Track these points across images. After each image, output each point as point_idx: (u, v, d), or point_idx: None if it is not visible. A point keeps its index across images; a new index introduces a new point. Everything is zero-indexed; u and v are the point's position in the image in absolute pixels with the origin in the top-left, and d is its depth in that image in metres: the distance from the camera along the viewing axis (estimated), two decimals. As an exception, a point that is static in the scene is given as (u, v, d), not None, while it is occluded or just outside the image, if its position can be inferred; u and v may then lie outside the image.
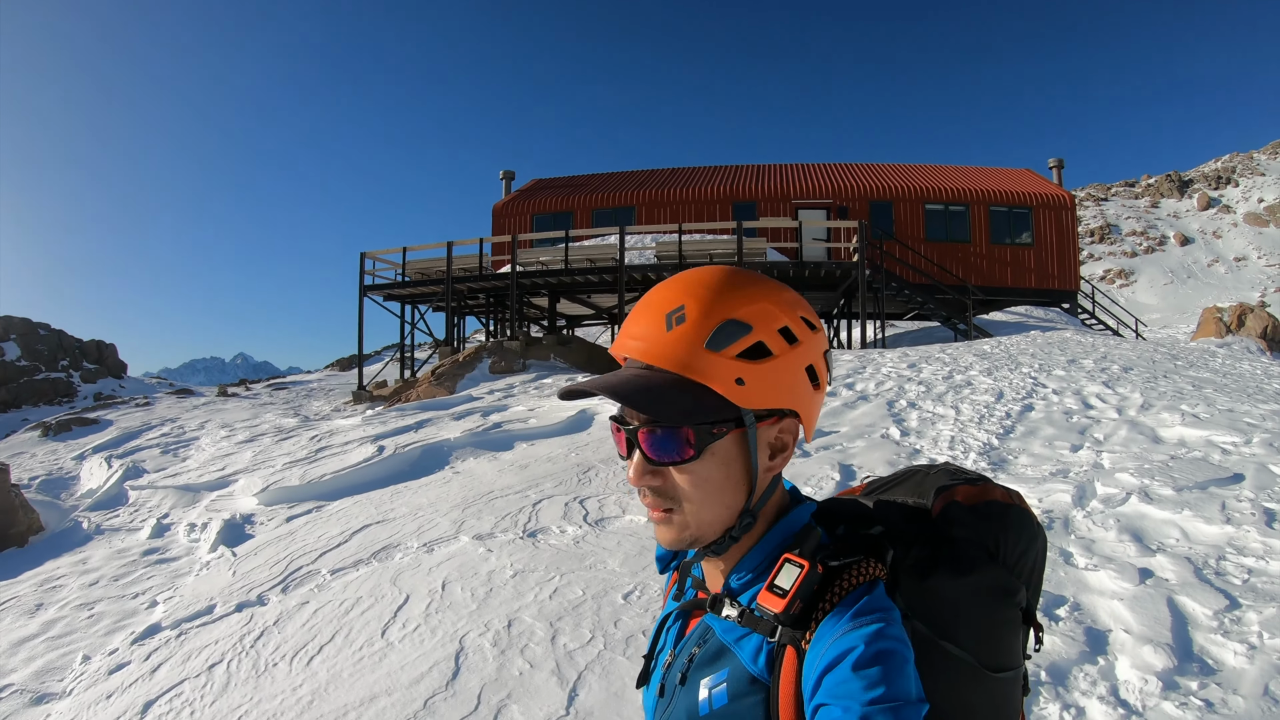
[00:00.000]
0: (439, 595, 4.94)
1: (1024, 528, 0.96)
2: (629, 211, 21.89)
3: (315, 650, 4.41)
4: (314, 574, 5.65)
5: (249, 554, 6.35)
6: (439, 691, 3.77)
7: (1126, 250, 59.80)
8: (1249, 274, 55.19)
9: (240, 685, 4.11)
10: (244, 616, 5.06)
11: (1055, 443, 6.84)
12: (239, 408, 14.97)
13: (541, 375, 14.84)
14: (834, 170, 24.28)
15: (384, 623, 4.64)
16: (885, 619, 0.81)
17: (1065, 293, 22.05)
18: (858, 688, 0.75)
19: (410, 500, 7.22)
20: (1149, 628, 3.43)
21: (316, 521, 6.95)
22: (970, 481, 1.00)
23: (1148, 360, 11.45)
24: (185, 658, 4.59)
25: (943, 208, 21.88)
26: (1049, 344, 13.90)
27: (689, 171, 25.10)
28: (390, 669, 4.07)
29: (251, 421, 12.69)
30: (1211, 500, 4.94)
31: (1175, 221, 66.84)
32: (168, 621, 5.19)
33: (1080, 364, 11.11)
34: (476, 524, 6.29)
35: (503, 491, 7.12)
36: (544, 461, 8.14)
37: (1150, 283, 53.56)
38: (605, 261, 17.26)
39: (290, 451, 9.76)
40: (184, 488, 8.53)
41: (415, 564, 5.57)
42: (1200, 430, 6.71)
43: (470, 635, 4.33)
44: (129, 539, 7.35)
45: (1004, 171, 24.90)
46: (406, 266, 18.61)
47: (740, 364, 0.87)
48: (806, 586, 0.85)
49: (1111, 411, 7.87)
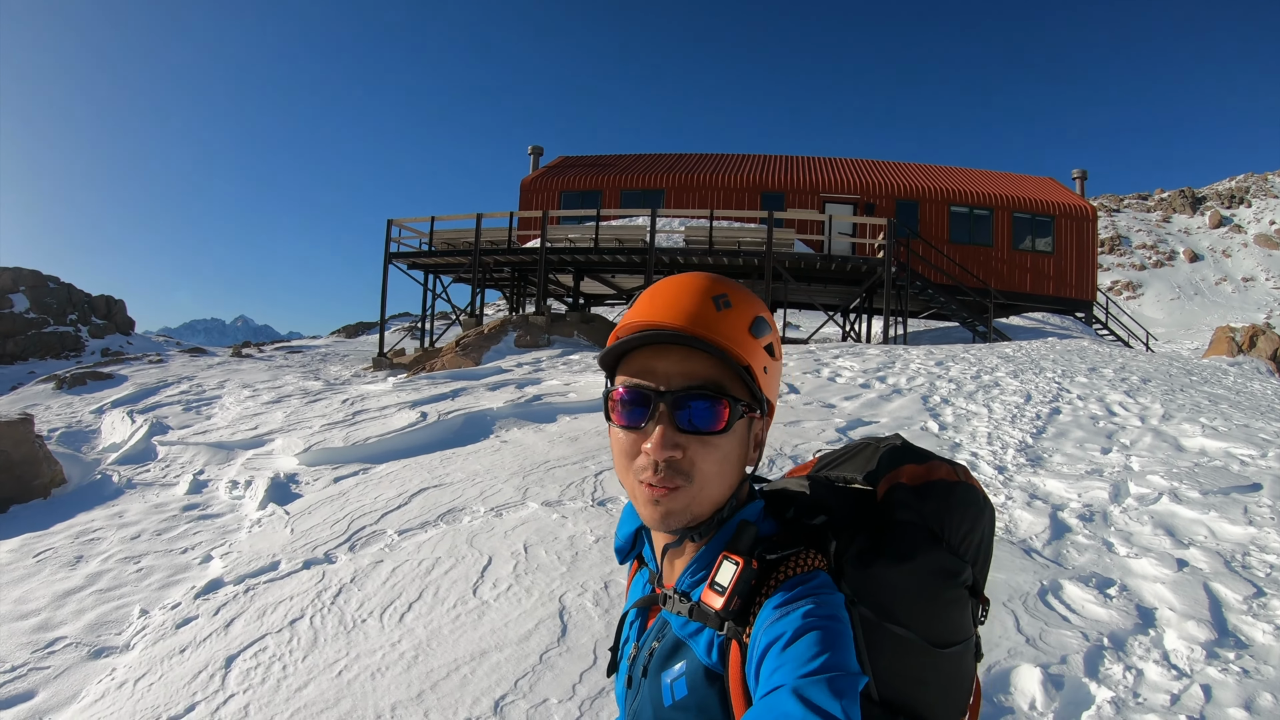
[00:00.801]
0: (523, 558, 4.78)
1: (969, 505, 0.96)
2: (658, 194, 21.63)
3: (404, 608, 4.21)
4: (380, 534, 5.44)
5: (303, 512, 6.12)
6: (552, 647, 3.67)
7: (1136, 263, 60.02)
8: (1256, 295, 55.48)
9: (330, 641, 3.89)
10: (314, 574, 4.84)
11: (1086, 445, 7.17)
12: (255, 369, 14.66)
13: (568, 351, 14.67)
14: (862, 166, 24.19)
15: (472, 583, 4.46)
16: (814, 600, 0.83)
17: (1082, 302, 22.15)
18: (789, 667, 0.76)
19: (464, 466, 7.00)
20: (1189, 607, 3.86)
21: (367, 483, 6.73)
22: (917, 459, 1.00)
23: (1164, 374, 11.66)
24: (259, 613, 4.36)
25: (968, 211, 21.84)
26: (1068, 351, 14.07)
27: (718, 158, 24.83)
28: (493, 626, 3.90)
29: (273, 383, 12.41)
30: (1234, 504, 5.35)
31: (1186, 238, 67.15)
32: (230, 576, 4.97)
33: (1101, 373, 11.33)
34: (541, 491, 6.12)
35: (559, 461, 6.95)
36: (593, 435, 7.97)
37: (1157, 297, 53.75)
38: (634, 243, 17.02)
39: (325, 414, 9.50)
40: (217, 445, 8.26)
41: (488, 527, 5.37)
42: (1219, 442, 7.05)
43: (569, 595, 4.23)
44: (164, 494, 7.08)
45: (1028, 179, 24.90)
46: (434, 236, 18.28)
47: (766, 356, 0.96)
48: (743, 583, 0.87)
49: (1135, 420, 8.19)
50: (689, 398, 0.90)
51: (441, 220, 18.22)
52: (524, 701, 3.21)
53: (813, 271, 17.42)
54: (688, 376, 0.91)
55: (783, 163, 24.18)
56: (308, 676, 3.54)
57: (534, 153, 24.71)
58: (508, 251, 17.47)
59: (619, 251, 16.77)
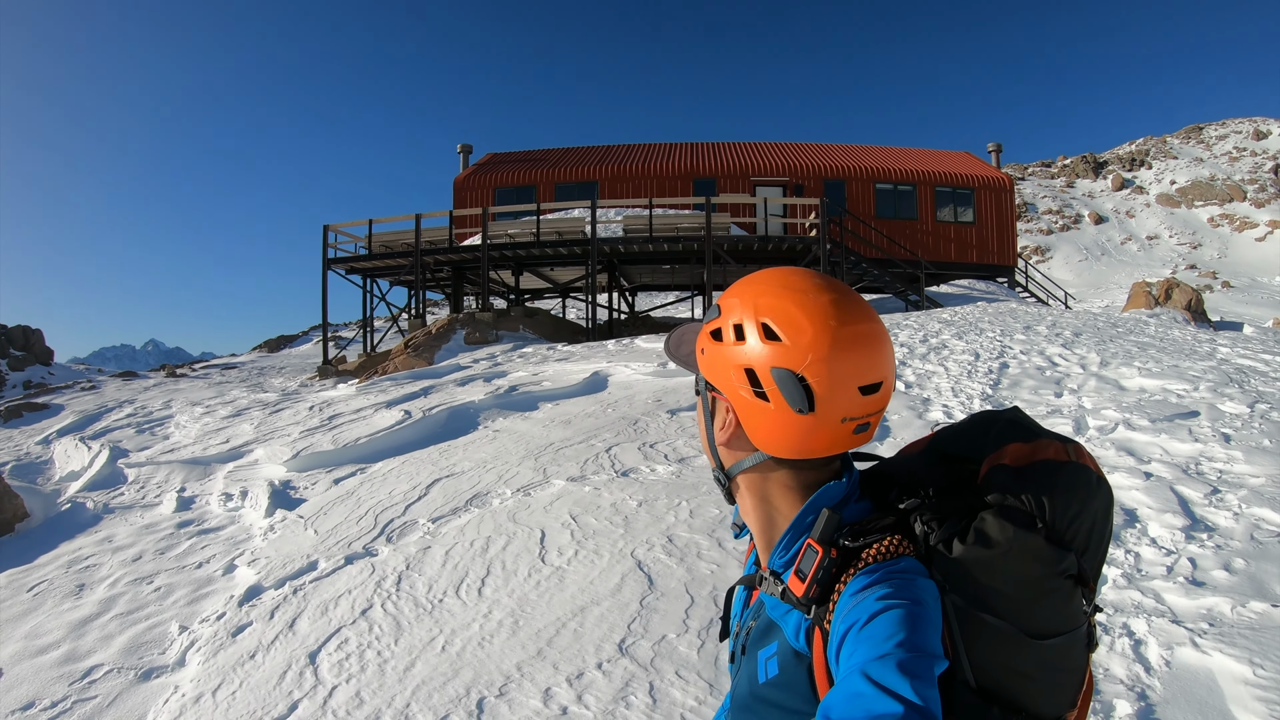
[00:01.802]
0: (575, 527, 4.82)
1: (1078, 487, 0.89)
2: (591, 186, 21.63)
3: (477, 583, 4.20)
4: (412, 524, 5.38)
5: (316, 514, 5.96)
6: (647, 594, 3.79)
7: (1043, 228, 62.42)
8: (1160, 252, 58.56)
9: (415, 623, 3.85)
10: (361, 567, 4.75)
11: (1040, 391, 7.71)
12: (195, 387, 14.03)
13: (519, 345, 14.59)
14: (790, 149, 24.82)
15: (535, 554, 4.47)
16: (892, 584, 0.83)
17: (1004, 268, 23.36)
18: (863, 650, 0.76)
19: (468, 455, 6.94)
20: (1163, 505, 4.49)
21: (370, 481, 6.59)
22: (1025, 437, 0.94)
23: (1093, 328, 12.50)
24: (321, 610, 4.27)
25: (892, 187, 22.70)
26: (1000, 313, 14.81)
27: (650, 147, 25.10)
28: (579, 586, 3.95)
29: (221, 399, 11.92)
30: (1179, 428, 6.02)
31: (1090, 201, 70.32)
32: (269, 581, 4.83)
33: (1036, 330, 12.07)
34: (560, 470, 6.14)
35: (563, 443, 6.96)
36: (584, 418, 7.98)
37: (1065, 259, 56.03)
38: (574, 235, 16.98)
39: (299, 421, 9.19)
40: (191, 461, 7.89)
41: (524, 506, 5.36)
42: (1156, 381, 7.72)
43: (639, 551, 4.37)
44: (150, 514, 6.73)
45: (947, 154, 26.04)
46: (372, 240, 17.79)
47: (706, 338, 1.00)
48: (822, 571, 0.88)
49: (1076, 368, 8.76)
50: None
51: (379, 223, 17.80)
52: (645, 640, 3.27)
53: (750, 253, 17.75)
54: None
55: (713, 149, 24.62)
56: (410, 657, 3.49)
57: (463, 151, 24.40)
58: (449, 250, 17.17)
59: (560, 244, 16.73)
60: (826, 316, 0.90)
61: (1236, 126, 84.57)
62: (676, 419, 7.50)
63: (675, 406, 7.99)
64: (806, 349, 0.89)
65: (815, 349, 0.89)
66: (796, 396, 0.89)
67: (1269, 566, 3.59)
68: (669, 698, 2.90)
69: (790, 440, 0.93)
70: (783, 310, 0.92)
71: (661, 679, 3.03)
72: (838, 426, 0.91)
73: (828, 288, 0.94)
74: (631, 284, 22.64)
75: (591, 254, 16.49)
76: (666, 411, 7.81)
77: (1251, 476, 4.81)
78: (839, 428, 0.91)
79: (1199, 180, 70.43)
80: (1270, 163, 73.83)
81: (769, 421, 0.93)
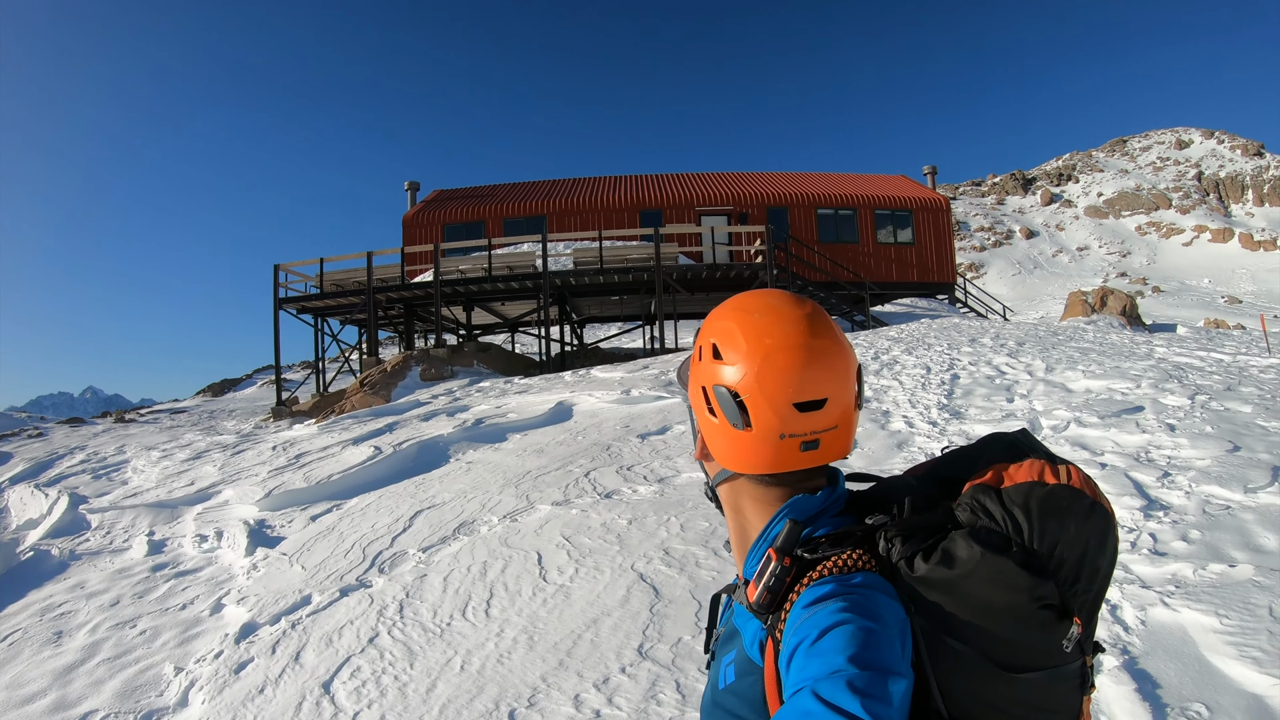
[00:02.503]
0: (569, 547, 4.95)
1: (1063, 511, 0.84)
2: (540, 220, 21.82)
3: (482, 605, 4.30)
4: (403, 555, 5.42)
5: (300, 550, 5.95)
6: (655, 602, 3.95)
7: (976, 245, 64.40)
8: (1091, 262, 60.94)
9: (428, 646, 3.93)
10: (358, 598, 4.79)
11: (992, 397, 8.12)
12: (147, 432, 13.66)
13: (475, 380, 14.60)
14: (733, 179, 25.49)
15: (536, 575, 4.59)
16: (844, 599, 0.81)
17: (944, 285, 24.28)
18: (813, 667, 0.75)
19: (447, 487, 7.00)
20: (1120, 488, 4.86)
21: (350, 517, 6.59)
22: (1015, 458, 0.91)
23: (1034, 337, 13.12)
24: (324, 641, 4.30)
25: (833, 212, 23.48)
26: (944, 328, 15.37)
27: (596, 181, 25.48)
28: (587, 600, 4.09)
29: (177, 443, 11.64)
30: (1127, 422, 6.48)
31: (1020, 217, 72.91)
32: (263, 618, 4.82)
33: (980, 342, 12.60)
34: (542, 495, 6.25)
35: (540, 471, 7.07)
36: (556, 446, 8.10)
37: (999, 274, 57.81)
38: (525, 269, 17.12)
39: (264, 461, 9.07)
40: (158, 505, 7.72)
41: (514, 530, 5.45)
42: (1100, 381, 8.22)
43: (638, 564, 4.54)
44: (120, 559, 6.58)
45: (885, 178, 27.07)
46: (323, 279, 17.61)
47: (692, 358, 1.04)
48: (774, 579, 0.88)
49: (1024, 374, 9.23)
50: None
51: (330, 261, 17.68)
52: (663, 644, 3.41)
53: (699, 281, 18.14)
54: None
55: (658, 180, 25.20)
56: (430, 679, 3.56)
57: (411, 188, 24.41)
58: (401, 287, 17.12)
59: (512, 278, 16.85)
60: (761, 334, 0.92)
61: (1159, 137, 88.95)
62: (648, 443, 7.66)
63: (644, 431, 8.15)
64: (740, 367, 0.92)
65: (747, 366, 0.91)
66: (733, 413, 0.92)
67: (1222, 534, 3.99)
68: (695, 692, 3.06)
69: (738, 456, 0.95)
70: (726, 330, 0.95)
71: (686, 676, 3.19)
72: (778, 443, 0.91)
73: (780, 306, 0.96)
74: (581, 316, 22.82)
75: (544, 287, 16.64)
76: (637, 436, 7.97)
77: (1198, 459, 5.28)
78: (780, 444, 0.91)
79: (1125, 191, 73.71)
80: (1193, 170, 77.63)
81: (720, 438, 0.96)
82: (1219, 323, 31.79)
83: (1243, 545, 3.88)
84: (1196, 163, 79.19)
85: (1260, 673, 2.78)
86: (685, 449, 7.18)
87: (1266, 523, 4.12)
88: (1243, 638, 3.00)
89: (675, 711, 2.95)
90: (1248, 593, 3.35)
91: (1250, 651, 2.91)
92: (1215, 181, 75.40)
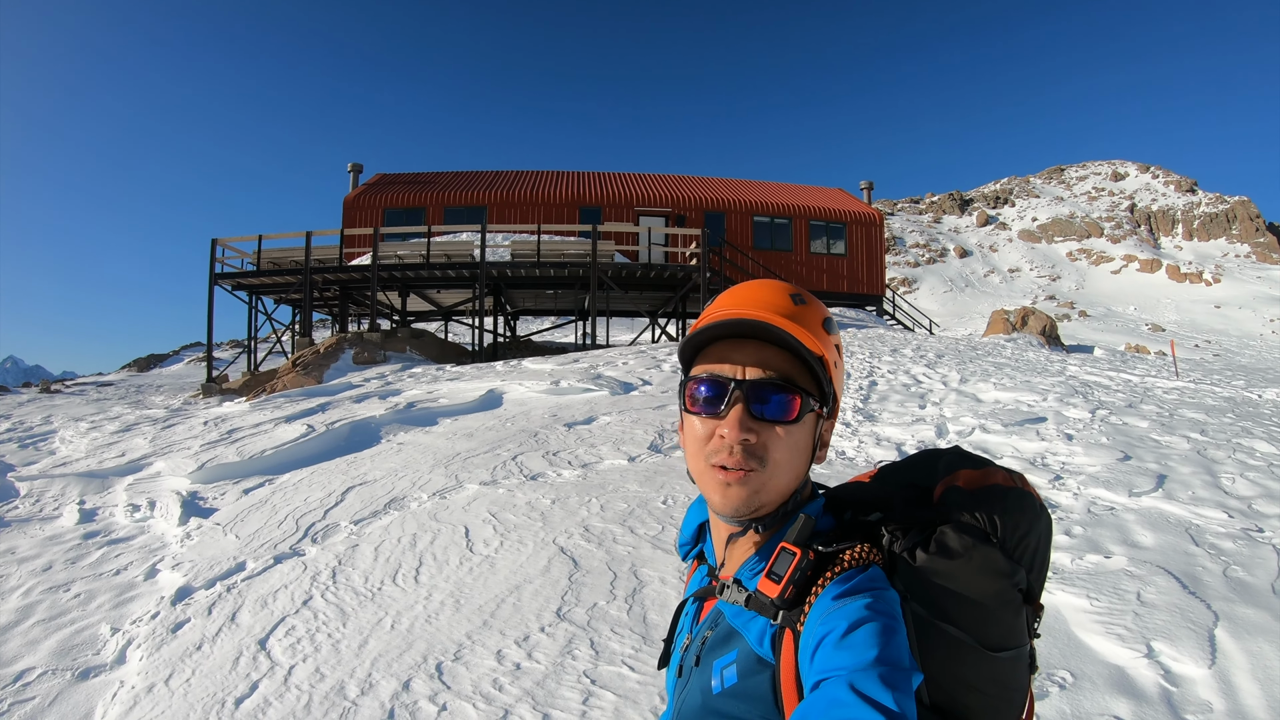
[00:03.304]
0: (495, 522, 5.31)
1: (1024, 510, 0.93)
2: (480, 210, 21.93)
3: (412, 573, 4.62)
4: (335, 527, 5.70)
5: (233, 521, 6.17)
6: (574, 572, 4.35)
7: (910, 260, 66.28)
8: (1021, 284, 63.24)
9: (360, 608, 4.24)
10: (292, 565, 5.06)
11: (905, 403, 8.76)
12: (74, 404, 13.45)
13: (408, 365, 14.79)
14: (673, 181, 26.04)
15: (463, 546, 4.93)
16: (872, 595, 0.85)
17: (872, 297, 25.33)
18: (844, 659, 0.77)
19: (378, 465, 7.27)
20: None
21: (283, 491, 6.82)
22: (974, 465, 0.99)
23: (954, 350, 13.94)
24: (260, 603, 4.56)
25: (769, 220, 24.25)
26: (869, 338, 16.16)
27: (538, 175, 25.67)
28: (510, 569, 4.47)
29: (105, 415, 11.54)
30: (1028, 430, 7.11)
31: (956, 236, 75.18)
32: (199, 582, 5.04)
33: (902, 352, 13.38)
34: (471, 475, 6.60)
35: (469, 453, 7.40)
36: (485, 431, 8.43)
37: (931, 290, 59.63)
38: (463, 258, 17.27)
39: (196, 435, 9.16)
40: (88, 475, 7.77)
41: (443, 506, 5.78)
42: (1009, 393, 8.94)
43: (559, 539, 4.90)
44: (50, 527, 6.65)
45: (822, 190, 27.97)
46: (261, 256, 17.42)
47: (837, 352, 1.03)
48: (799, 572, 0.89)
49: (939, 384, 9.99)
50: (764, 388, 0.96)
51: (269, 239, 17.50)
52: (579, 607, 3.83)
53: (633, 279, 18.57)
54: (763, 367, 0.97)
55: (599, 179, 25.54)
56: (362, 636, 3.89)
57: (353, 170, 24.26)
58: (339, 270, 17.10)
59: (449, 266, 17.00)
60: None
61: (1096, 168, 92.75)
62: (574, 431, 8.06)
63: (571, 420, 8.55)
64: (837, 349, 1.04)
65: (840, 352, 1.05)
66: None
67: (1103, 531, 4.51)
68: (608, 649, 3.47)
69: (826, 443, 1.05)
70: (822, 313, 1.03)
71: (599, 636, 3.59)
72: None
73: None
74: (515, 308, 23.03)
75: (480, 277, 16.85)
76: (564, 425, 8.36)
77: (1089, 466, 5.90)
78: None
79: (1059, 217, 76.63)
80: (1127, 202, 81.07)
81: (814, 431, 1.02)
82: (1140, 348, 33.68)
83: (1121, 541, 4.32)
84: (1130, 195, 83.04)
85: (1123, 647, 3.17)
86: (609, 438, 7.60)
87: (1146, 523, 4.60)
88: (1110, 617, 3.41)
89: (589, 665, 3.34)
90: (1119, 580, 3.79)
91: (1116, 629, 3.31)
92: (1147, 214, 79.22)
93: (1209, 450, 6.31)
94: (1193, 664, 3.03)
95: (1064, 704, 2.87)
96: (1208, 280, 61.79)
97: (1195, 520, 4.66)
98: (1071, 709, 2.83)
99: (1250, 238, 73.49)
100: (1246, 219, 75.15)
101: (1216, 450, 6.31)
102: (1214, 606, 3.48)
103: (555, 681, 3.25)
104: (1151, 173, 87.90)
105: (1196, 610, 3.44)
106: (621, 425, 8.16)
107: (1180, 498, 5.08)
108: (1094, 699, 2.88)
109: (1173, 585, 3.71)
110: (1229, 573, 3.85)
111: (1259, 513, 4.77)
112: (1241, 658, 3.05)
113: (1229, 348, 40.40)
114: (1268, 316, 51.74)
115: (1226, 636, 3.21)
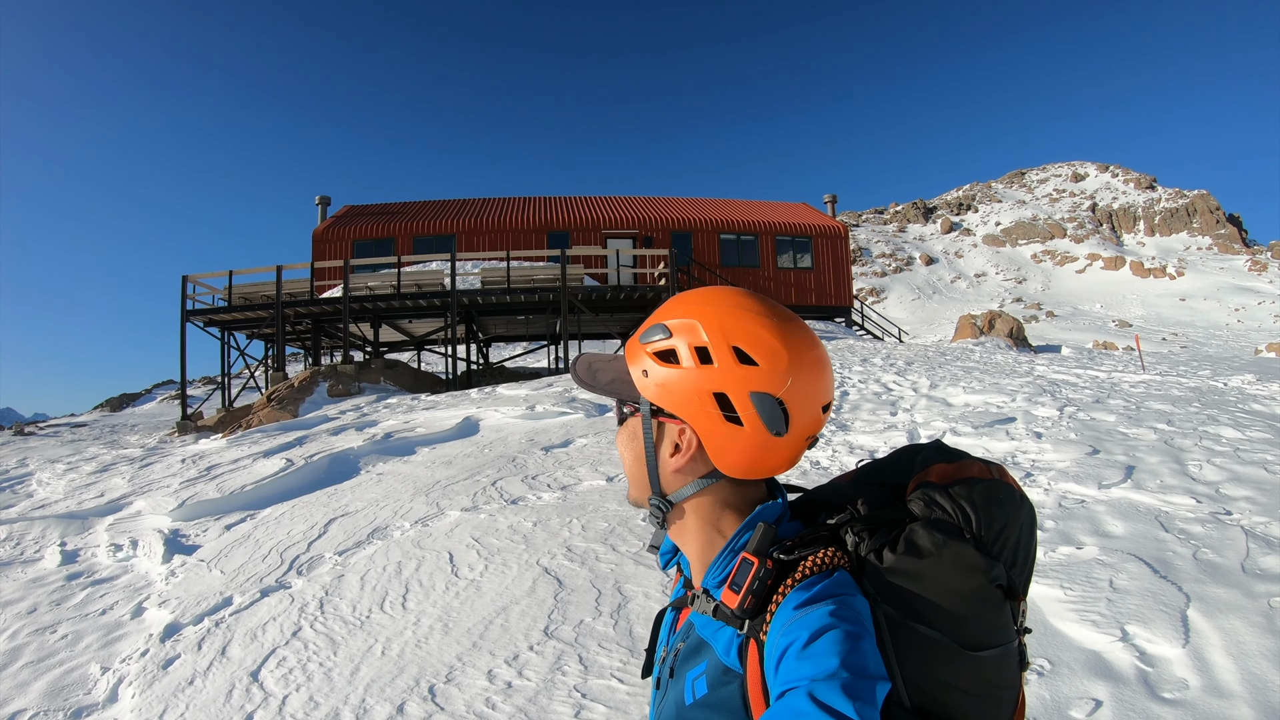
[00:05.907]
0: (479, 547, 5.43)
1: (1002, 502, 0.91)
2: (449, 239, 22.12)
3: (399, 600, 4.73)
4: (319, 559, 5.78)
5: (217, 557, 6.22)
6: (559, 591, 4.48)
7: (877, 270, 66.94)
8: (988, 288, 64.04)
9: (350, 636, 4.34)
10: (279, 598, 5.14)
11: (878, 411, 8.96)
12: (49, 445, 13.37)
13: (383, 396, 14.83)
14: (639, 203, 26.40)
15: (448, 572, 5.05)
16: (835, 601, 0.83)
17: (841, 308, 25.77)
18: (806, 669, 0.76)
19: (359, 496, 7.36)
20: None
21: (265, 525, 6.87)
22: (949, 459, 0.98)
23: (924, 357, 14.20)
24: (249, 636, 4.63)
25: (735, 238, 24.69)
26: (839, 349, 16.41)
27: (506, 201, 25.93)
28: (497, 591, 4.60)
29: (81, 455, 11.49)
30: (998, 431, 7.31)
31: (921, 244, 76.10)
32: (186, 618, 5.10)
33: (872, 361, 13.62)
34: (451, 503, 6.71)
35: (449, 481, 7.51)
36: (464, 458, 8.54)
37: (899, 299, 60.20)
38: (433, 287, 17.39)
39: (174, 473, 9.16)
40: (67, 516, 7.77)
41: (426, 534, 5.90)
42: (979, 396, 9.17)
43: (544, 560, 5.03)
44: (33, 569, 6.65)
45: (786, 205, 28.47)
46: (232, 291, 17.40)
47: (651, 359, 0.98)
48: (758, 582, 0.88)
49: (909, 390, 10.18)
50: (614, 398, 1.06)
51: (240, 274, 17.46)
52: (567, 625, 3.98)
53: (603, 302, 18.79)
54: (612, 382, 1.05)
55: (566, 203, 25.87)
56: (353, 663, 4.00)
57: (321, 203, 24.31)
58: (310, 303, 17.12)
59: (420, 296, 17.10)
60: (795, 340, 0.94)
61: (1056, 170, 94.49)
62: (551, 454, 8.20)
63: (548, 444, 8.69)
64: (785, 373, 0.92)
65: (794, 373, 0.92)
66: (775, 419, 0.92)
67: (1074, 523, 4.65)
68: (597, 663, 3.61)
69: (759, 461, 0.95)
70: (754, 334, 0.93)
71: (588, 651, 3.73)
72: (800, 444, 0.96)
73: (781, 311, 0.98)
74: (487, 335, 23.15)
75: (451, 305, 16.97)
76: (541, 449, 8.50)
77: (1059, 462, 6.07)
78: (801, 445, 0.96)
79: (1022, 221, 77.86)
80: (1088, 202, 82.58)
81: (740, 444, 0.94)
82: (1107, 345, 34.34)
83: (1092, 532, 4.45)
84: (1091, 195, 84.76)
85: (1098, 633, 3.30)
86: (587, 460, 7.75)
87: (1116, 513, 4.74)
88: (1084, 605, 3.54)
89: (579, 679, 3.48)
90: (1091, 569, 3.93)
91: (1090, 616, 3.43)
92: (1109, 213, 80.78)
93: (1176, 439, 6.51)
94: (1167, 644, 3.15)
95: (1043, 690, 2.97)
96: (1171, 274, 63.02)
97: (1164, 508, 4.81)
98: (1051, 694, 2.94)
99: (1211, 230, 75.31)
100: (1206, 212, 77.05)
101: (1183, 439, 6.51)
102: (1185, 588, 3.60)
103: (547, 697, 3.39)
104: (1111, 172, 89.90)
105: (1168, 593, 3.57)
106: (598, 446, 8.32)
107: (1149, 487, 5.24)
108: (1072, 683, 2.99)
109: (1144, 571, 3.84)
110: (1199, 555, 3.98)
111: (1226, 496, 4.93)
112: (1214, 635, 3.17)
113: (1195, 339, 41.32)
114: (1232, 306, 52.88)
115: (1199, 616, 3.33)
